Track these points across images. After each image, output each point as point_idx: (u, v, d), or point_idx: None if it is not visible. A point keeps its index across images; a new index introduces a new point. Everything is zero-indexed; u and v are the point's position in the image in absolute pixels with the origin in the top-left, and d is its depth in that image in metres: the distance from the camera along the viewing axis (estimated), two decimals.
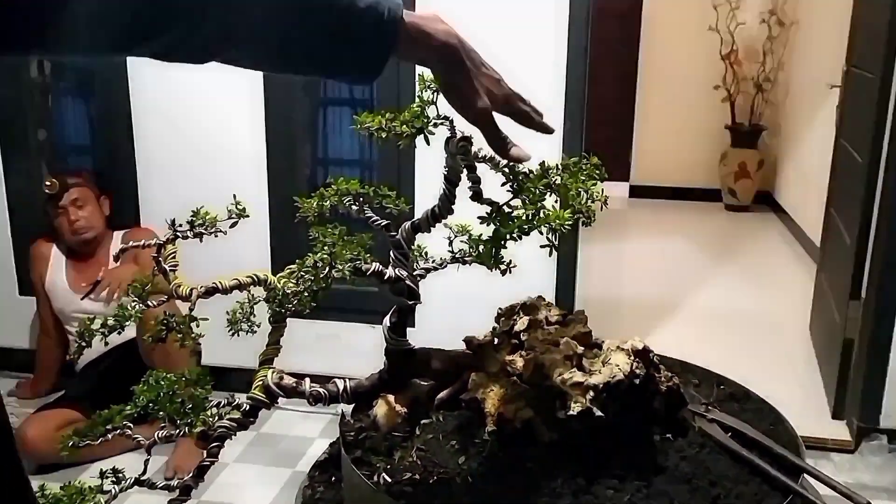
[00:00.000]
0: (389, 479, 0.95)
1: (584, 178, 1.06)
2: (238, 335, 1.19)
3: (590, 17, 2.72)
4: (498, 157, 1.06)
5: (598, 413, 0.90)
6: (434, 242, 1.18)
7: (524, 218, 0.91)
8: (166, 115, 3.06)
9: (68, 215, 2.90)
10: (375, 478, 0.96)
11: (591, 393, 0.91)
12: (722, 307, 4.17)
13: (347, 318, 3.06)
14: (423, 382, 1.15)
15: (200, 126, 3.05)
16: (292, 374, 1.13)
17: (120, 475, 1.07)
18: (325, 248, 1.01)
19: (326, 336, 3.10)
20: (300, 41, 0.77)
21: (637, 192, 6.47)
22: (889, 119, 2.68)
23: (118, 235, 3.02)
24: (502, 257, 0.95)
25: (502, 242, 0.92)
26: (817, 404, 3.05)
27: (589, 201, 1.05)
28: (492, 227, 0.93)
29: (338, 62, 0.82)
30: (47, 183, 2.89)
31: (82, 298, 2.89)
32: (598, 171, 1.09)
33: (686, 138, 6.32)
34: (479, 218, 0.94)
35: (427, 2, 2.75)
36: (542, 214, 0.92)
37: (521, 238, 0.91)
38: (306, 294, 1.03)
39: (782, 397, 1.16)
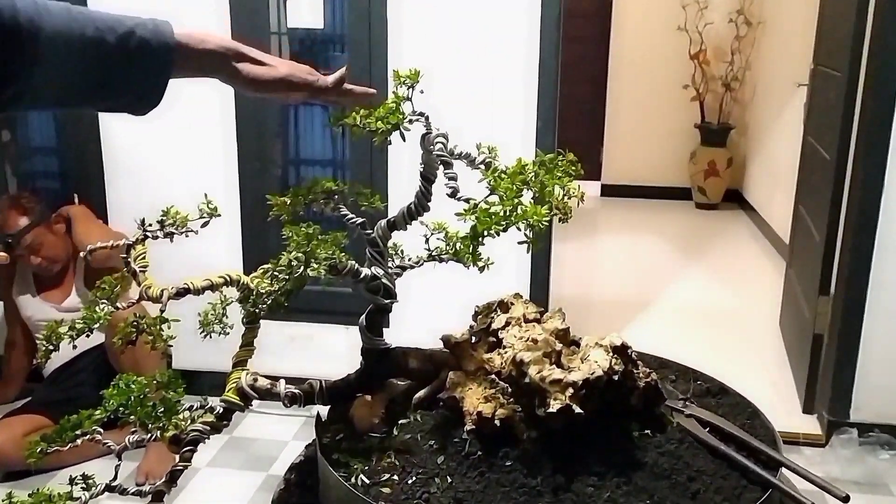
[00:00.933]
0: (368, 481, 0.94)
1: (560, 174, 1.06)
2: (210, 337, 1.17)
3: (561, 17, 2.72)
4: (473, 154, 1.05)
5: (578, 410, 0.89)
6: (410, 241, 1.17)
7: (502, 214, 0.90)
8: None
9: (29, 261, 2.83)
10: (353, 479, 0.94)
11: (571, 390, 0.90)
12: (693, 304, 4.21)
13: (321, 320, 3.03)
14: (399, 382, 1.14)
15: (169, 126, 3.00)
16: (266, 377, 1.11)
17: (90, 481, 1.05)
18: (300, 246, 0.99)
19: (300, 338, 3.07)
20: (83, 83, 0.83)
21: (608, 191, 6.51)
22: (856, 116, 2.72)
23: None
24: (480, 254, 0.94)
25: (480, 239, 0.91)
26: (788, 399, 3.09)
27: (565, 198, 1.05)
28: (469, 223, 0.92)
29: (123, 100, 0.89)
30: None
31: None
32: (573, 168, 1.09)
33: (656, 137, 6.37)
34: (456, 214, 0.93)
35: (400, 5, 2.74)
36: (519, 211, 0.92)
37: (498, 234, 0.91)
38: (281, 294, 1.01)
39: (754, 393, 1.16)
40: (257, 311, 1.06)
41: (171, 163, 3.02)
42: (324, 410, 1.16)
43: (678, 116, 6.23)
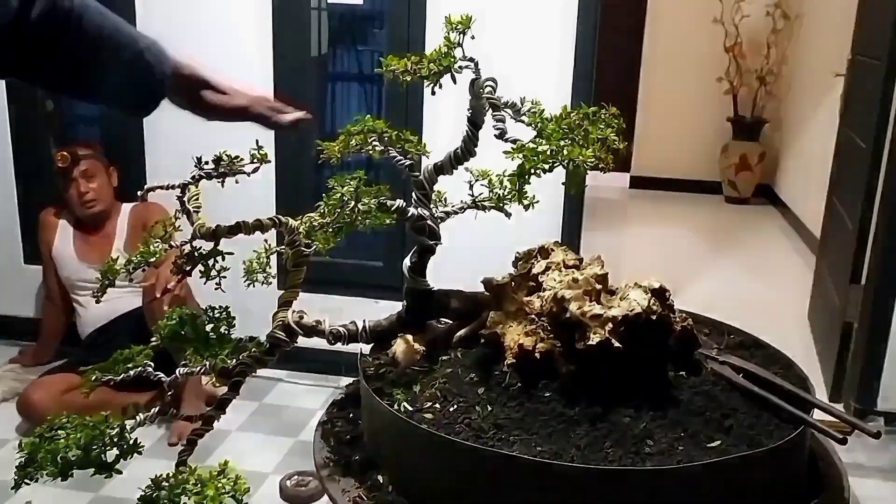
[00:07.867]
0: (410, 408, 0.97)
1: (602, 125, 1.09)
2: (253, 285, 1.21)
3: (598, 7, 2.74)
4: (518, 104, 1.08)
5: (616, 344, 0.92)
6: (453, 189, 1.21)
7: (548, 153, 0.93)
8: None
9: (78, 187, 2.90)
10: (396, 407, 0.98)
11: (610, 325, 0.93)
12: (720, 296, 4.20)
13: (351, 293, 3.08)
14: (440, 325, 1.17)
15: None
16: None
17: (140, 411, 1.10)
18: (351, 183, 1.03)
19: (331, 310, 3.11)
20: (94, 82, 1.01)
21: (637, 182, 6.49)
22: (894, 104, 2.71)
23: (127, 207, 3.03)
24: (526, 192, 0.97)
25: (526, 177, 0.94)
26: (815, 388, 3.08)
27: (605, 149, 1.08)
28: (516, 162, 0.95)
29: (123, 102, 1.11)
30: (59, 156, 2.88)
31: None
32: (615, 121, 1.12)
33: (687, 130, 6.34)
34: (504, 152, 0.95)
35: None
36: (564, 151, 0.95)
37: (545, 172, 0.93)
38: (331, 229, 1.05)
39: None
40: (306, 247, 1.09)
41: (210, 134, 3.07)
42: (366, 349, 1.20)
43: (710, 109, 6.20)
